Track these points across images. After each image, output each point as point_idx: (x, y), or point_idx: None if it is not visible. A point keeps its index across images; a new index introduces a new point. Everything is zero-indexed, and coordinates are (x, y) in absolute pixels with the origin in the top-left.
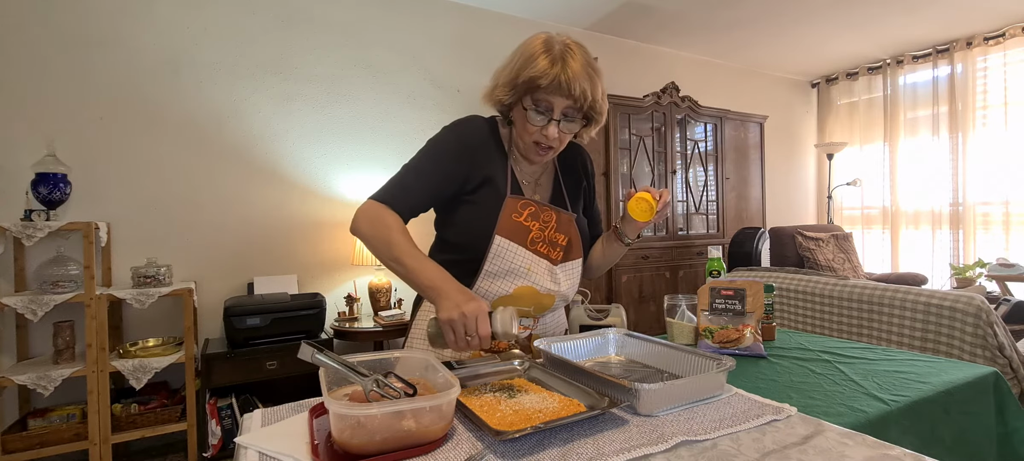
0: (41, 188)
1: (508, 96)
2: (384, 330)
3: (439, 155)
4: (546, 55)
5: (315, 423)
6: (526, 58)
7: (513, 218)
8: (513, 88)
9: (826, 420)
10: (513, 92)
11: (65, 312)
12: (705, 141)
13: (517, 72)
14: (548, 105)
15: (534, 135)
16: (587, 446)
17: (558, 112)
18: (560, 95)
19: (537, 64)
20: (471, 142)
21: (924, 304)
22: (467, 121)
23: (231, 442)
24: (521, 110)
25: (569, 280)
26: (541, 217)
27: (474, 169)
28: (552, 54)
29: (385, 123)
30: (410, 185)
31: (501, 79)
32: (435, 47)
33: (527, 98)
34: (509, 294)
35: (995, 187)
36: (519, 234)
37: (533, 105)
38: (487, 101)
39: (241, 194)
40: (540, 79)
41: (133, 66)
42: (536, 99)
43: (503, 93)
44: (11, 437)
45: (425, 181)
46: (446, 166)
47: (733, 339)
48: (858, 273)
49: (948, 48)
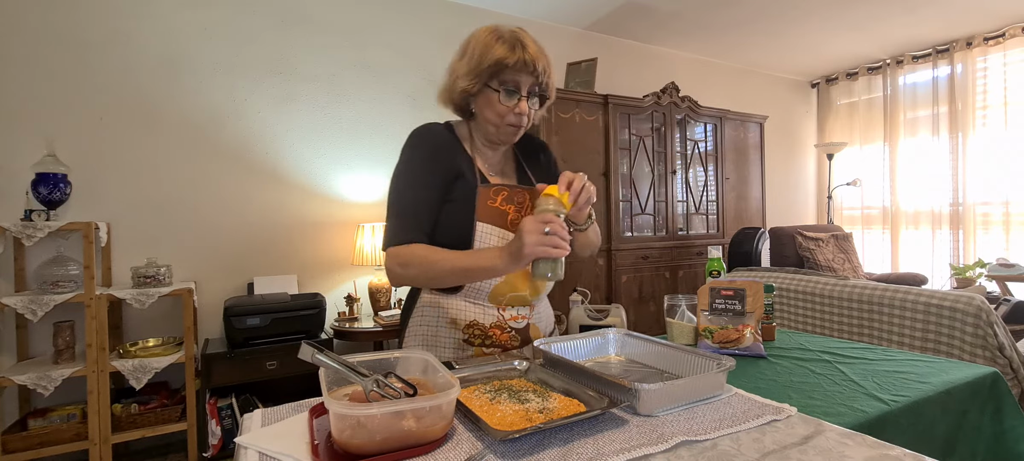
0: (41, 188)
1: (473, 85)
2: (384, 330)
3: (420, 171)
4: (501, 41)
5: (315, 423)
6: (485, 47)
7: (489, 205)
8: (478, 75)
9: (826, 420)
10: (477, 79)
11: (65, 312)
12: (705, 141)
13: (479, 60)
14: (515, 84)
15: (506, 116)
16: (587, 446)
17: (525, 89)
18: (525, 73)
19: (496, 49)
20: (437, 145)
21: (924, 304)
22: (426, 128)
23: (231, 442)
24: (488, 95)
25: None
26: (515, 199)
27: (448, 169)
28: (507, 40)
29: (385, 123)
30: (410, 214)
31: (461, 71)
32: (435, 47)
33: (493, 81)
34: (503, 279)
35: (995, 187)
36: (498, 218)
37: (501, 86)
38: (446, 98)
39: (241, 194)
40: (506, 59)
41: (133, 66)
42: (503, 80)
43: (467, 83)
44: (11, 437)
45: (422, 204)
46: (430, 180)
47: (733, 339)
48: (858, 273)
49: (948, 48)
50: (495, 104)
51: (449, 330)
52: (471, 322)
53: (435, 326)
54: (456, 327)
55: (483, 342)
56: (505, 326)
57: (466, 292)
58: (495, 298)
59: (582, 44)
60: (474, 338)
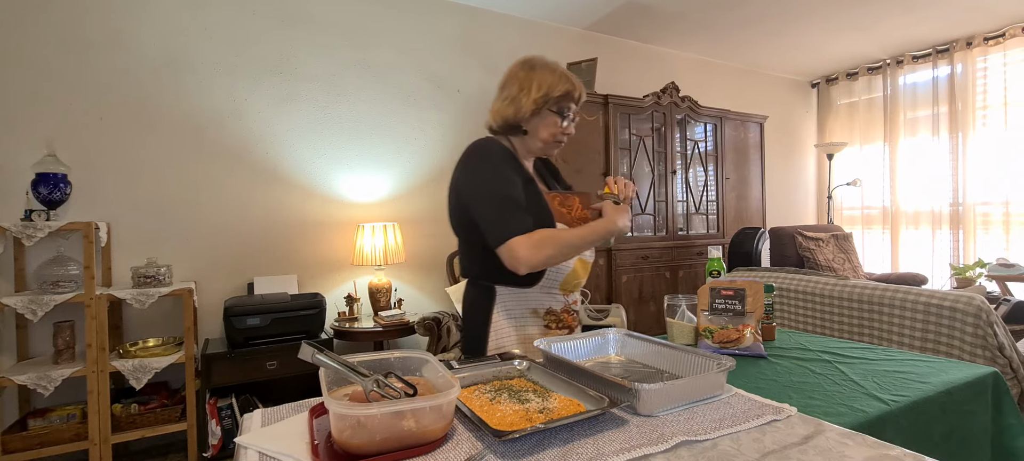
0: (41, 188)
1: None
2: (384, 330)
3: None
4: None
5: (315, 423)
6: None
7: (557, 207)
8: (545, 102)
9: (826, 420)
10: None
11: (65, 312)
12: (705, 141)
13: (548, 91)
14: (568, 109)
15: (557, 134)
16: (587, 446)
17: (572, 113)
18: (573, 101)
19: (562, 84)
20: (505, 155)
21: (924, 304)
22: (490, 141)
23: (231, 442)
24: (547, 118)
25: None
26: (567, 203)
27: (519, 175)
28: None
29: (385, 123)
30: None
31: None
32: (435, 47)
33: (556, 107)
34: (572, 269)
35: (995, 187)
36: (564, 219)
37: (557, 112)
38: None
39: (241, 194)
40: (573, 91)
41: (133, 66)
42: (560, 108)
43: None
44: (11, 437)
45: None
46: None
47: (733, 339)
48: (858, 273)
49: (948, 48)
50: (552, 125)
51: (532, 318)
52: (548, 309)
53: (519, 316)
54: (537, 315)
55: (557, 324)
56: (570, 309)
57: (544, 283)
58: (565, 286)
59: (582, 44)
60: (552, 323)
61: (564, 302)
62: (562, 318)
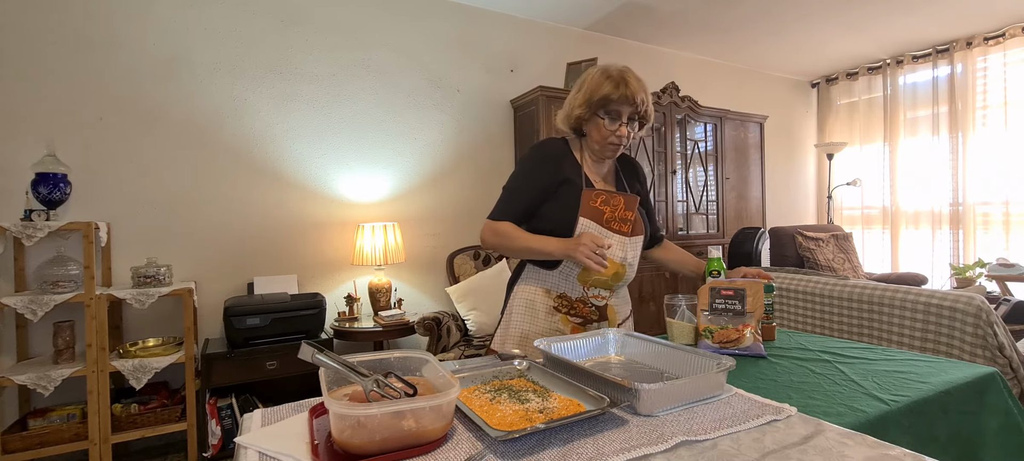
0: (41, 188)
1: (586, 113)
2: (384, 330)
3: (527, 172)
4: (610, 80)
5: (315, 423)
6: (596, 84)
7: (591, 204)
8: (589, 106)
9: (826, 420)
10: (588, 109)
11: (65, 312)
12: (705, 141)
13: (591, 94)
14: (617, 113)
15: (608, 137)
16: (587, 446)
17: (625, 117)
18: (626, 105)
19: (605, 87)
20: (550, 155)
21: (924, 304)
22: (547, 141)
23: (231, 442)
24: (596, 121)
25: (633, 251)
26: (611, 202)
27: (554, 175)
28: (614, 78)
29: (385, 123)
30: (511, 200)
31: (577, 102)
32: (435, 47)
33: (600, 111)
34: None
35: (995, 187)
36: (596, 216)
37: (606, 115)
38: (564, 123)
39: (241, 194)
40: (611, 95)
41: (133, 66)
42: (608, 110)
43: (581, 111)
44: (11, 437)
45: (521, 195)
46: (533, 179)
47: (733, 339)
48: (858, 273)
49: (948, 48)
50: (601, 128)
51: (544, 297)
52: (561, 293)
53: (533, 293)
54: (549, 296)
55: (569, 311)
56: (588, 301)
57: (562, 270)
58: (582, 279)
59: (582, 44)
60: (561, 306)
61: (582, 292)
62: (575, 306)
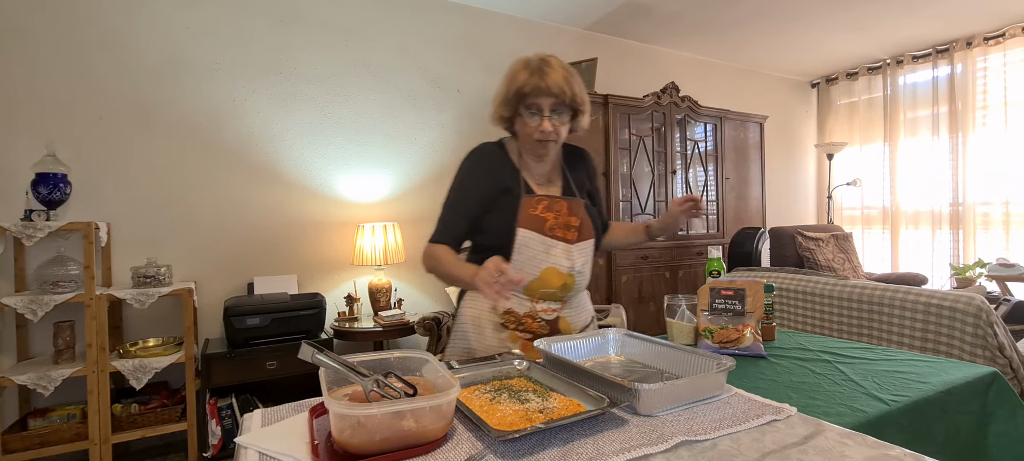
0: (41, 188)
1: (507, 110)
2: (384, 330)
3: (460, 186)
4: (525, 69)
5: (315, 423)
6: (511, 77)
7: (531, 212)
8: (507, 102)
9: (826, 420)
10: (508, 106)
11: (65, 312)
12: (705, 141)
13: (506, 90)
14: (537, 106)
15: (533, 133)
16: (587, 446)
17: (547, 109)
18: (544, 96)
19: (519, 77)
20: (484, 164)
21: (924, 304)
22: (478, 148)
23: (231, 442)
24: (520, 118)
25: (582, 257)
26: (554, 208)
27: (493, 185)
28: (530, 68)
29: (385, 123)
30: (450, 220)
31: (497, 100)
32: (435, 47)
33: (521, 106)
34: (536, 277)
35: (995, 187)
36: (537, 224)
37: (526, 110)
38: (494, 123)
39: (241, 194)
40: (524, 87)
41: (133, 66)
42: (527, 104)
43: (502, 109)
44: (11, 437)
45: (460, 211)
46: (471, 192)
47: (733, 339)
48: (858, 273)
49: (948, 48)
50: (524, 125)
51: (490, 314)
52: (507, 310)
53: (478, 310)
54: (495, 312)
55: (517, 327)
56: (536, 316)
57: None
58: (528, 292)
59: (582, 44)
60: (509, 323)
61: (529, 307)
62: (524, 321)
